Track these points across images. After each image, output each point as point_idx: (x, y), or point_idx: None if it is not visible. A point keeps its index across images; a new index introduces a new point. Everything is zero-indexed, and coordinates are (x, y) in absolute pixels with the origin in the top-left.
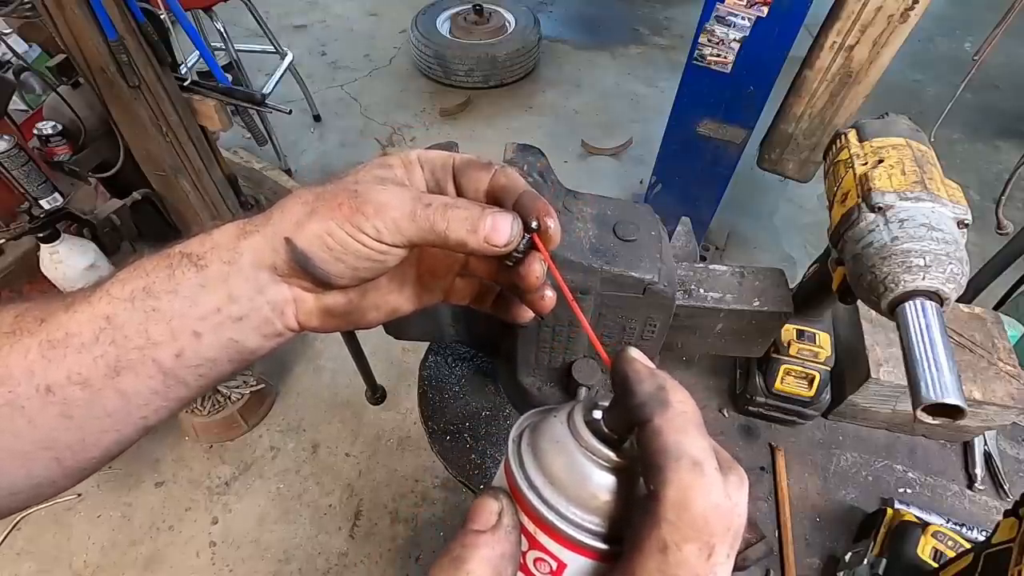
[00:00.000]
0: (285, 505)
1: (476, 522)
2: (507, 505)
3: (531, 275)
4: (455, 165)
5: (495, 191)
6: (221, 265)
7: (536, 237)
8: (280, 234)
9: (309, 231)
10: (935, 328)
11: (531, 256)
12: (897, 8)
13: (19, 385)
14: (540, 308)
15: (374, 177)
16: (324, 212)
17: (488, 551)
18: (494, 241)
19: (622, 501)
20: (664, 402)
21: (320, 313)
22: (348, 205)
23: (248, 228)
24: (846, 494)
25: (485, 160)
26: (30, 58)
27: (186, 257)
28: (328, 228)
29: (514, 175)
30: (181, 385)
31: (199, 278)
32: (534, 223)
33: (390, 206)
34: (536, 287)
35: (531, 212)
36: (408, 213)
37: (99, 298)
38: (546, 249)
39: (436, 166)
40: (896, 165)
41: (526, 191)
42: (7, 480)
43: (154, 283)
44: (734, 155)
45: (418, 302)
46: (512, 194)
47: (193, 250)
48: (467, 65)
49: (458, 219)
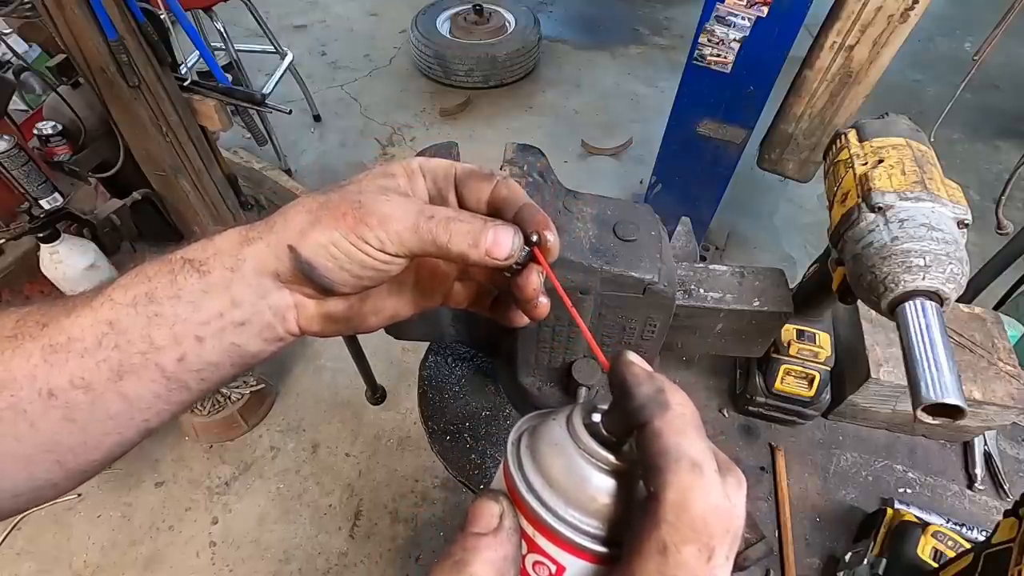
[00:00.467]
0: (285, 505)
1: (477, 525)
2: (507, 508)
3: (528, 287)
4: (457, 175)
5: (496, 202)
6: (224, 271)
7: (536, 250)
8: (283, 242)
9: (313, 240)
10: (935, 328)
11: (529, 267)
12: (897, 8)
13: (22, 389)
14: (535, 315)
15: (377, 187)
16: (328, 221)
17: (490, 553)
18: (495, 255)
19: (621, 504)
20: (663, 404)
21: (321, 318)
22: (352, 215)
23: (251, 235)
24: (846, 494)
25: (487, 170)
26: (30, 58)
27: (188, 263)
28: (332, 238)
29: (515, 187)
30: (183, 389)
31: (201, 284)
32: (534, 236)
33: (393, 218)
34: (533, 298)
35: (531, 225)
36: (411, 225)
37: (101, 303)
38: (546, 261)
39: (438, 175)
40: (896, 165)
41: (527, 204)
42: (9, 483)
43: (156, 288)
44: (734, 155)
45: (417, 306)
46: (513, 206)
47: (195, 256)
48: (467, 65)
49: (460, 232)
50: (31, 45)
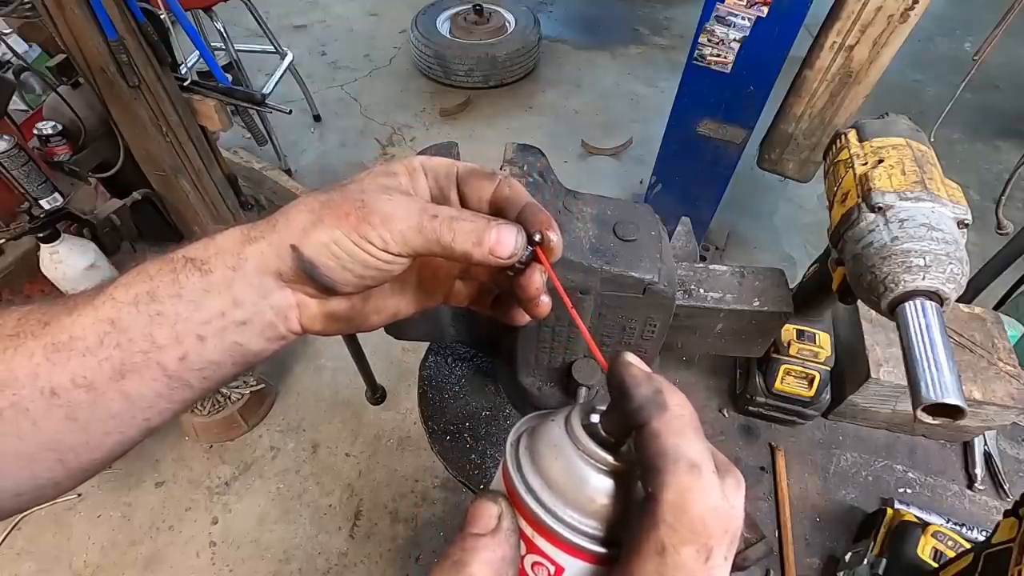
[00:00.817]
0: (285, 505)
1: (475, 526)
2: (506, 508)
3: (531, 286)
4: (459, 174)
5: (499, 202)
6: (225, 270)
7: (539, 249)
8: (286, 241)
9: (316, 239)
10: (935, 328)
11: (532, 266)
12: (897, 8)
13: (23, 388)
14: (536, 314)
15: (379, 186)
16: (331, 221)
17: (489, 554)
18: (499, 254)
19: (620, 504)
20: (661, 405)
21: (323, 317)
22: (355, 215)
23: (253, 234)
24: (846, 494)
25: (489, 170)
26: (30, 58)
27: (190, 262)
28: (335, 237)
29: (518, 187)
30: (185, 387)
31: (203, 283)
32: (537, 236)
33: (396, 217)
34: (535, 297)
35: (535, 224)
36: (414, 225)
37: (103, 302)
38: (548, 261)
39: (440, 174)
40: (896, 165)
41: (529, 203)
42: (11, 482)
43: (158, 287)
44: (734, 155)
45: (419, 305)
46: (516, 205)
47: (197, 255)
48: (467, 65)
49: (464, 232)
50: (31, 45)
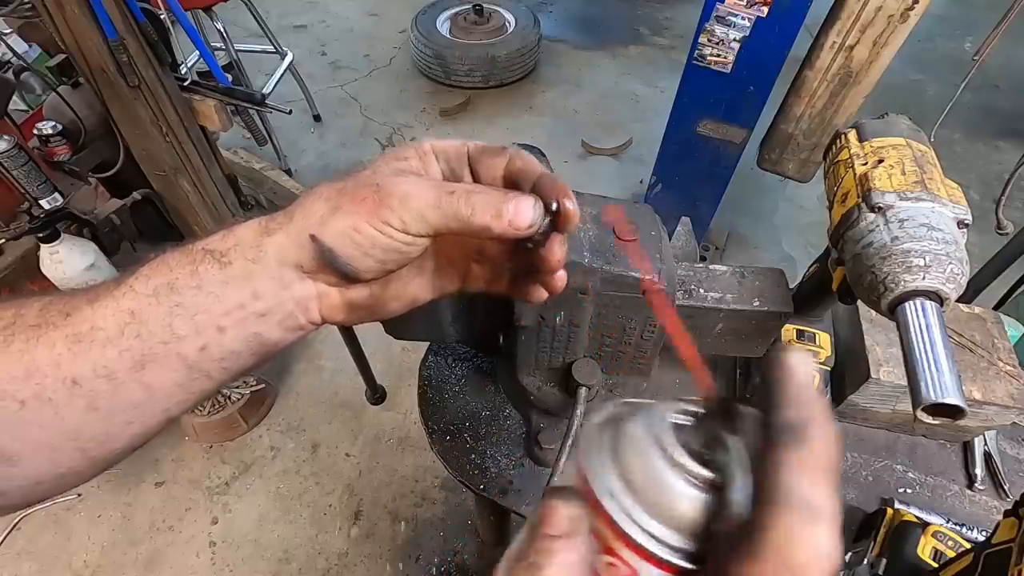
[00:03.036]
0: (285, 505)
1: (551, 527)
2: (582, 510)
3: (553, 257)
4: (470, 153)
5: (512, 175)
6: (245, 262)
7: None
8: (305, 231)
9: (334, 227)
10: (935, 328)
11: (552, 238)
12: (897, 8)
13: (46, 377)
14: (553, 288)
15: (392, 169)
16: (348, 207)
17: (565, 556)
18: (518, 224)
19: (706, 519)
20: (803, 441)
21: (344, 307)
22: (372, 199)
23: (271, 226)
24: (846, 494)
25: (499, 145)
26: (30, 58)
27: (209, 254)
28: (354, 223)
29: (530, 158)
30: (205, 377)
31: (223, 275)
32: (554, 205)
33: (414, 196)
34: (557, 268)
35: (551, 194)
36: (432, 202)
37: (123, 293)
38: (566, 230)
39: (451, 155)
40: (896, 165)
41: (543, 174)
42: (33, 470)
43: (178, 279)
44: (734, 155)
45: (437, 290)
46: (529, 177)
47: (216, 247)
48: (467, 65)
49: (481, 205)
50: (31, 45)
